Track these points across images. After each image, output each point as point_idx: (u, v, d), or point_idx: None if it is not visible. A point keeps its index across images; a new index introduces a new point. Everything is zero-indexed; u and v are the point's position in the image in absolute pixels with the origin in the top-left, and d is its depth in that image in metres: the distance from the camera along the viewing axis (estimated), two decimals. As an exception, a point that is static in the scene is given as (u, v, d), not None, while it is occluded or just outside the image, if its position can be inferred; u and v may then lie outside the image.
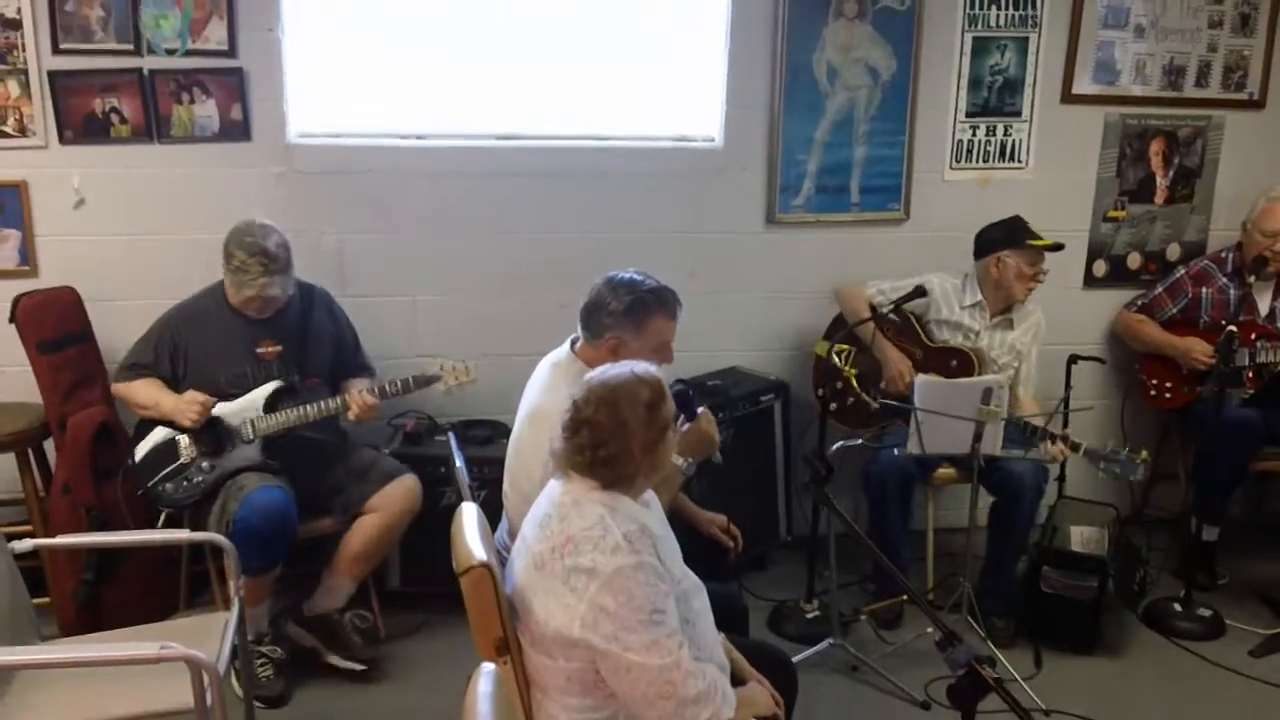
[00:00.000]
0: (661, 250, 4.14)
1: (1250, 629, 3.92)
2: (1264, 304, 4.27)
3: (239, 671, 3.15)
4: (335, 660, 3.51)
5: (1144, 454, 3.51)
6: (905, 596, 3.89)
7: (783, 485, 4.37)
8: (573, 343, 2.85)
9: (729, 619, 2.60)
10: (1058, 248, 3.92)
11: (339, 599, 3.53)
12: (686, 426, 2.70)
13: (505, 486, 2.83)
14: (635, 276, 2.78)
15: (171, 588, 3.71)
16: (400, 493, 3.54)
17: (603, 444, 2.15)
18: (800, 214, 4.30)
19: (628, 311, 2.73)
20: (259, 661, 3.37)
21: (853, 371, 3.93)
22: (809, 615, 3.90)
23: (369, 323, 3.87)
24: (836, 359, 3.81)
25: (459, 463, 2.94)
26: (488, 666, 1.84)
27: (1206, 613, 3.96)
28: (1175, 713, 3.44)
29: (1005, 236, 3.93)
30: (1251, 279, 4.23)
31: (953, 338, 4.04)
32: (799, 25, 4.09)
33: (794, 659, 3.40)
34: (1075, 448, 3.61)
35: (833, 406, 4.02)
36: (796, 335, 4.42)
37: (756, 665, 2.51)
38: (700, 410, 2.76)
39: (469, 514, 2.38)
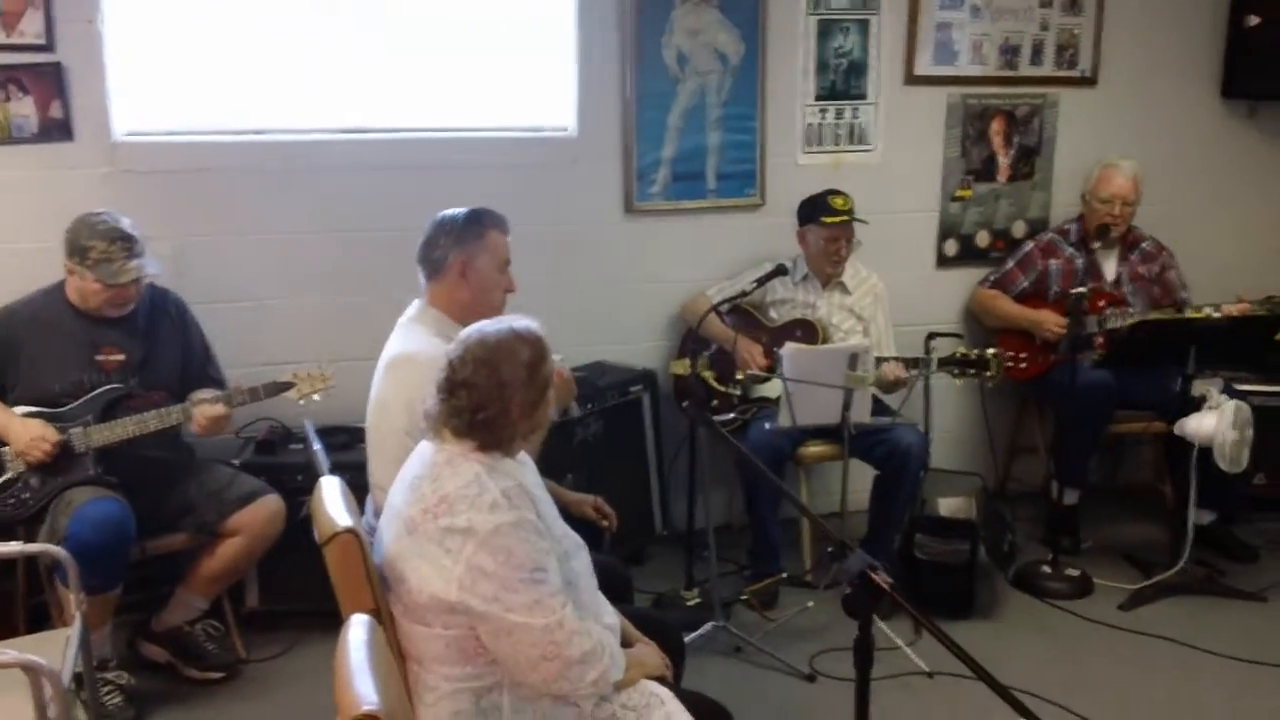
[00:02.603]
0: (519, 243, 3.99)
1: (1117, 585, 4.01)
2: (1110, 271, 4.41)
3: (85, 702, 2.90)
4: (192, 673, 3.31)
5: (990, 352, 3.76)
6: (783, 575, 3.90)
7: (656, 478, 4.30)
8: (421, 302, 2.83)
9: (612, 589, 2.51)
10: (851, 222, 4.01)
11: (190, 613, 3.34)
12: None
13: (369, 460, 2.71)
14: (460, 208, 2.82)
15: (6, 616, 3.42)
16: (264, 515, 3.35)
17: (482, 406, 2.05)
18: (658, 202, 4.27)
19: (465, 227, 2.78)
20: (106, 689, 3.12)
21: (710, 374, 3.99)
22: (690, 603, 3.83)
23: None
24: (689, 367, 3.90)
25: (316, 445, 2.80)
26: (360, 616, 1.70)
27: (1074, 573, 4.04)
28: (1052, 666, 3.49)
29: (808, 212, 4.06)
30: (1097, 245, 4.37)
31: (792, 313, 4.10)
32: (647, 10, 4.07)
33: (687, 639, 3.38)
34: (915, 363, 3.79)
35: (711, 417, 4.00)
36: (662, 325, 4.37)
37: (643, 632, 2.44)
38: (558, 357, 2.69)
39: (329, 486, 2.24)
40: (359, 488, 2.77)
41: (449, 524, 1.97)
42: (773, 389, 3.88)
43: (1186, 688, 3.40)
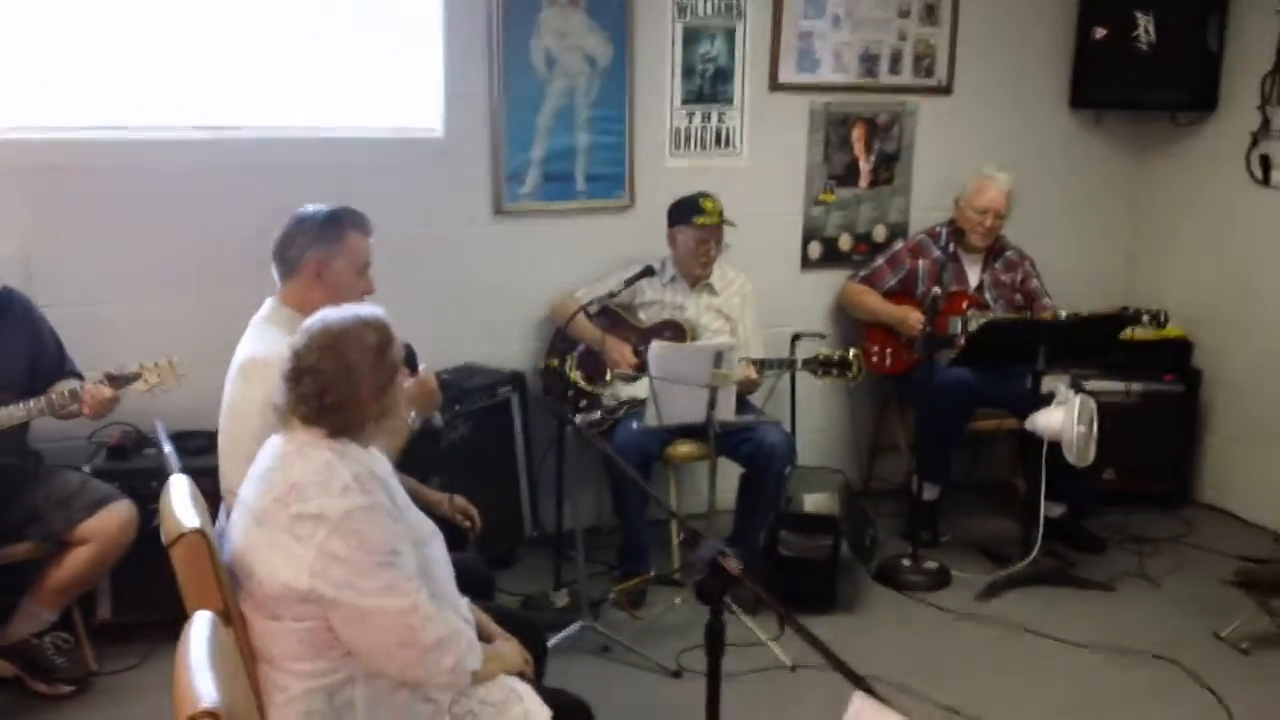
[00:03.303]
0: (386, 244, 3.94)
1: (973, 577, 4.14)
2: (973, 276, 4.57)
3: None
4: (40, 687, 3.19)
5: (852, 352, 3.93)
6: (651, 574, 3.93)
7: (526, 480, 4.29)
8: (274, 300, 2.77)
9: (473, 587, 2.50)
10: (720, 224, 4.08)
11: (37, 625, 3.21)
12: (411, 381, 2.59)
13: (221, 465, 2.64)
14: (322, 206, 2.75)
15: None
16: (115, 522, 3.23)
17: (328, 390, 2.02)
18: (528, 203, 4.27)
19: (322, 228, 2.73)
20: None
21: (578, 374, 4.02)
22: (559, 604, 3.83)
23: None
24: (558, 366, 3.96)
25: (167, 446, 2.73)
26: (203, 613, 1.66)
27: (933, 565, 4.16)
28: (911, 656, 3.58)
29: (678, 213, 4.13)
30: (968, 248, 4.54)
31: (661, 314, 4.15)
32: (514, 12, 4.07)
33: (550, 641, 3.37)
34: (767, 364, 3.94)
35: (577, 420, 4.00)
36: (532, 327, 4.36)
37: (504, 629, 2.43)
38: (422, 366, 2.67)
39: (178, 485, 2.19)
40: (216, 495, 2.71)
41: (299, 511, 1.94)
42: (642, 389, 3.91)
43: (1038, 674, 3.53)
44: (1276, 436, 4.49)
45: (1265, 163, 4.64)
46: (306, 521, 1.94)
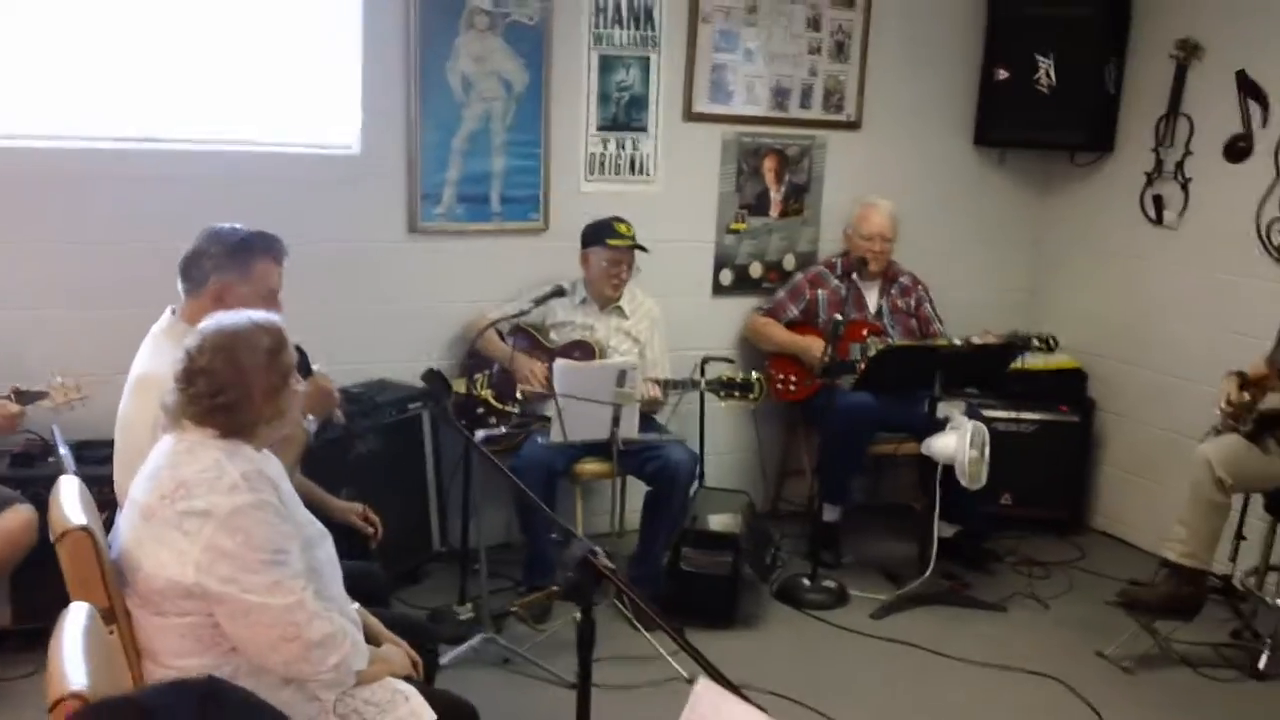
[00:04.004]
0: (301, 259, 3.96)
1: (871, 596, 4.24)
2: (872, 302, 4.70)
3: None
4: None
5: (755, 375, 4.04)
6: (555, 588, 3.97)
7: (435, 495, 4.32)
8: (174, 312, 2.75)
9: (368, 594, 2.55)
10: (635, 248, 4.19)
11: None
12: (304, 385, 2.63)
13: (116, 475, 2.64)
14: (237, 225, 2.75)
15: None
16: (15, 526, 3.20)
17: (221, 391, 2.06)
18: (442, 223, 4.32)
19: (231, 253, 2.70)
20: None
21: (487, 392, 4.08)
22: (462, 617, 3.86)
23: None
24: (472, 387, 4.01)
25: (63, 449, 2.73)
26: (80, 604, 1.69)
27: (832, 584, 4.27)
28: (807, 671, 3.67)
29: (592, 235, 4.22)
30: (859, 278, 4.66)
31: (571, 335, 4.23)
32: (431, 35, 4.13)
33: (447, 657, 3.40)
34: (670, 384, 4.03)
35: (480, 434, 4.04)
36: (445, 344, 4.40)
37: (395, 634, 2.47)
38: (316, 368, 2.70)
39: (67, 485, 2.21)
40: (115, 505, 2.71)
41: (187, 507, 1.97)
42: (553, 407, 3.97)
43: (928, 690, 3.64)
44: (1164, 466, 4.65)
45: (1158, 202, 4.85)
46: (194, 518, 1.97)
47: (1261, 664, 3.77)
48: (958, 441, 3.97)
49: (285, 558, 2.02)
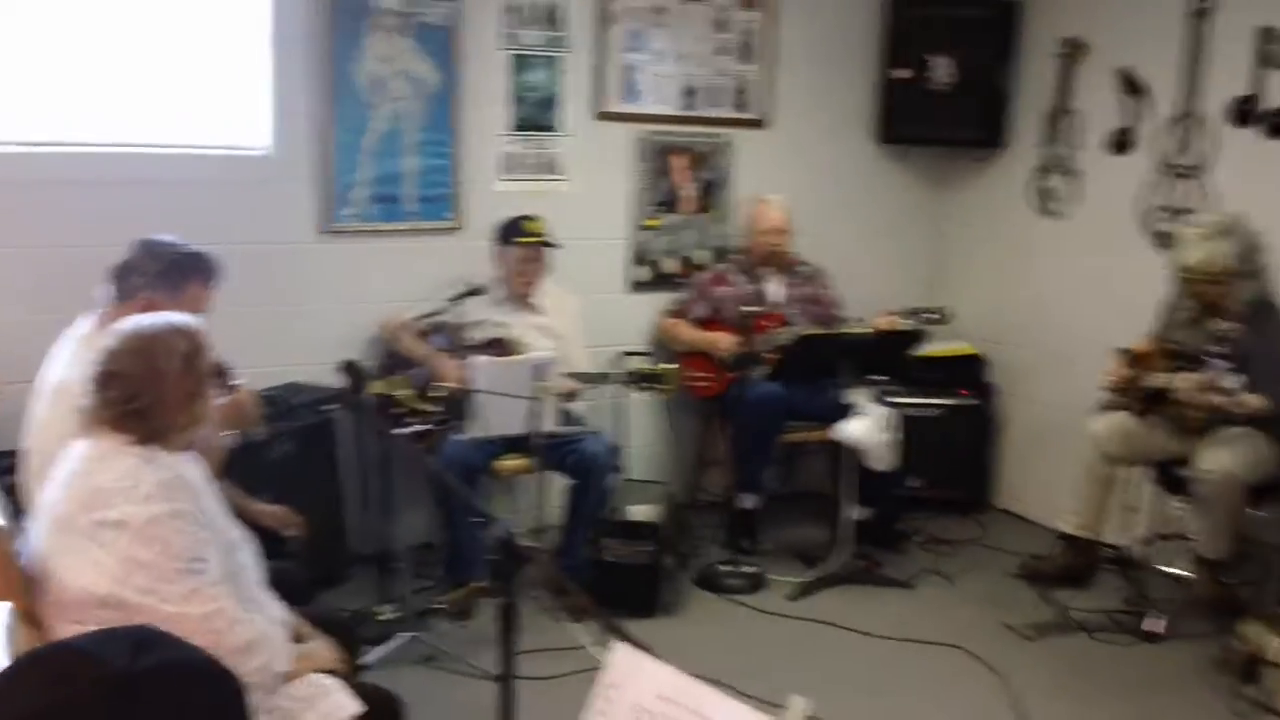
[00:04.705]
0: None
1: (787, 579, 4.38)
2: (775, 294, 4.82)
3: None
4: None
5: (665, 366, 4.12)
6: (478, 584, 4.02)
7: (354, 497, 4.34)
8: (96, 317, 2.76)
9: (289, 593, 2.57)
10: (545, 246, 4.26)
11: None
12: (224, 399, 2.65)
13: (31, 483, 2.63)
14: (174, 240, 2.75)
15: None
16: None
17: (136, 396, 2.06)
18: (355, 223, 4.35)
19: (164, 273, 2.70)
20: None
21: (407, 392, 4.07)
22: (384, 618, 3.88)
23: None
24: (390, 387, 3.97)
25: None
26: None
27: (751, 570, 4.39)
28: (727, 652, 3.77)
29: (503, 233, 4.30)
30: (763, 272, 4.79)
31: (488, 332, 4.28)
32: (340, 35, 4.16)
33: (370, 657, 3.45)
34: (583, 376, 4.07)
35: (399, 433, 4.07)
36: (361, 345, 4.40)
37: (318, 629, 2.50)
38: (237, 382, 2.73)
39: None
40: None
41: (102, 518, 1.97)
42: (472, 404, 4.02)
43: (843, 664, 3.78)
44: (1058, 444, 4.85)
45: (1049, 194, 5.06)
46: (109, 529, 1.97)
47: (1152, 627, 3.98)
48: (867, 427, 4.13)
49: (203, 565, 2.03)
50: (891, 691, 3.60)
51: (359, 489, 4.34)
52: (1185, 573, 4.07)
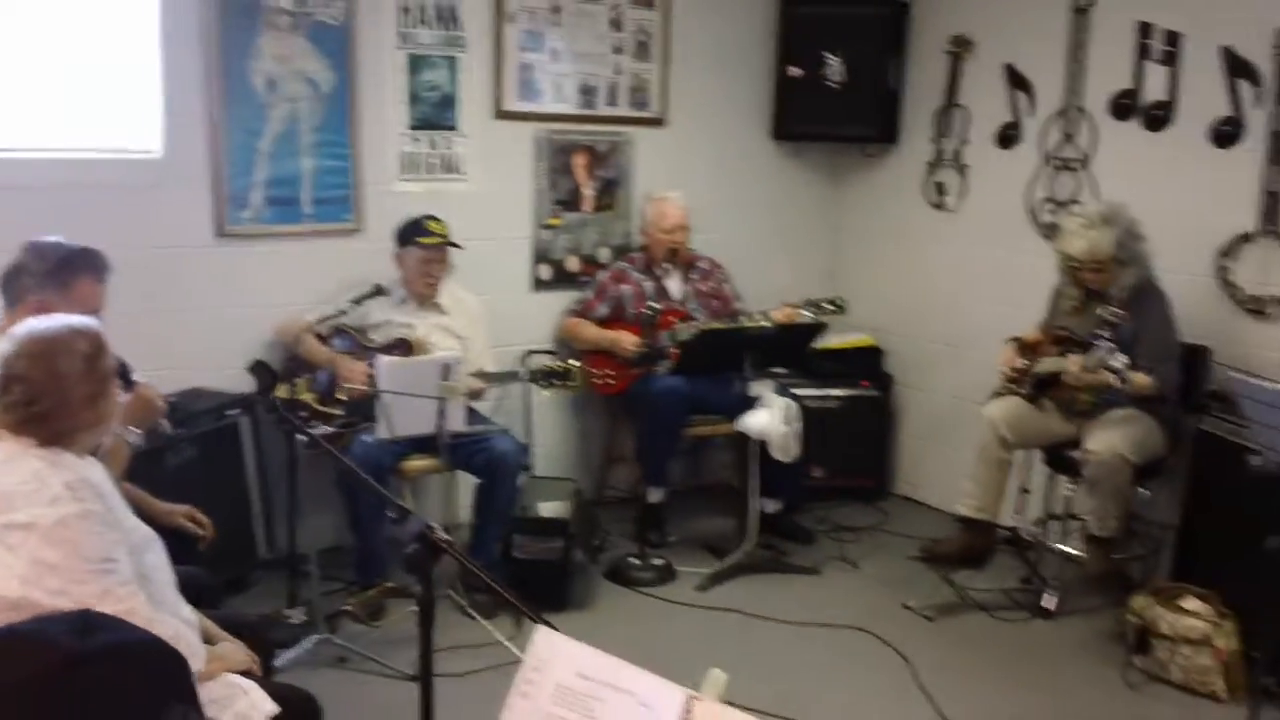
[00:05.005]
0: (104, 267, 3.92)
1: (696, 570, 4.44)
2: (675, 290, 4.88)
3: None
4: None
5: (571, 363, 4.18)
6: (389, 585, 4.01)
7: (259, 502, 4.28)
8: None
9: (197, 596, 2.54)
10: (445, 245, 4.25)
11: None
12: (127, 396, 2.61)
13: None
14: (60, 240, 2.70)
15: None
16: None
17: (37, 399, 2.04)
18: (253, 226, 4.28)
19: (53, 272, 2.66)
20: None
21: (310, 396, 4.07)
22: (293, 621, 3.84)
23: None
24: (293, 391, 4.00)
25: None
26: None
27: (660, 562, 4.43)
28: (640, 644, 3.75)
29: (404, 234, 4.28)
30: (664, 269, 4.84)
31: (391, 334, 4.25)
32: (232, 35, 4.10)
33: (281, 660, 3.40)
34: (491, 375, 4.13)
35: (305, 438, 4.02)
36: (261, 350, 4.34)
37: (230, 633, 2.48)
38: (138, 379, 2.69)
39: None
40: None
41: (8, 521, 1.96)
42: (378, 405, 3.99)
43: (752, 649, 3.85)
44: (954, 431, 5.01)
45: (940, 188, 5.21)
46: (17, 531, 1.95)
47: (1048, 604, 4.13)
48: (770, 418, 4.20)
49: (114, 565, 2.02)
50: (800, 674, 3.67)
51: (265, 493, 4.28)
52: (1077, 551, 4.21)
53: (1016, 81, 4.83)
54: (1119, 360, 3.62)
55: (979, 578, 4.30)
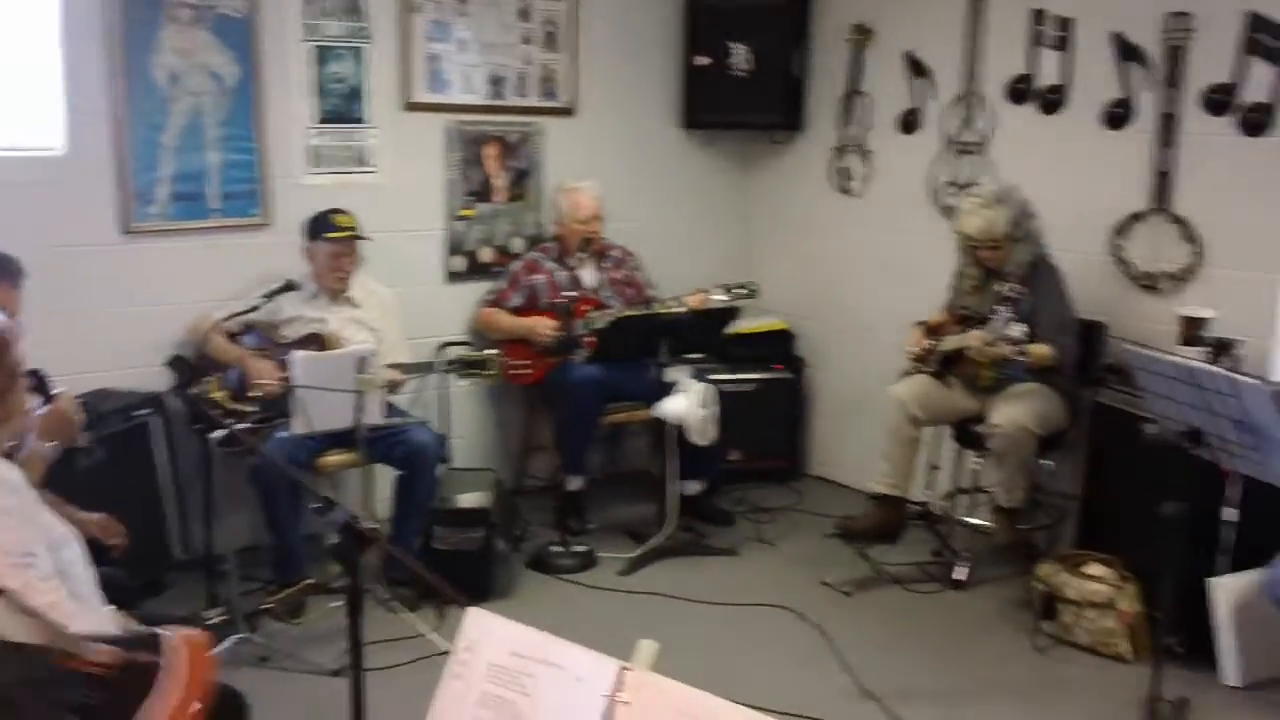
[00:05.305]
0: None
1: (618, 555, 4.49)
2: (589, 279, 4.92)
3: None
4: None
5: (488, 352, 4.23)
6: (308, 582, 3.98)
7: (173, 503, 4.21)
8: None
9: (115, 598, 2.51)
10: (354, 238, 4.22)
11: None
12: (45, 409, 2.58)
13: None
14: None
15: None
16: None
17: None
18: (158, 222, 4.20)
19: None
20: None
21: (221, 394, 4.02)
22: (213, 621, 3.80)
23: None
24: (205, 390, 3.94)
25: None
26: None
27: (581, 549, 4.47)
28: (562, 631, 3.76)
29: (313, 228, 4.24)
30: (578, 258, 4.87)
31: (303, 329, 4.22)
32: (134, 29, 4.01)
33: (202, 660, 3.36)
34: (409, 366, 4.12)
35: (218, 435, 3.96)
36: (170, 348, 4.27)
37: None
38: (58, 391, 2.64)
39: None
40: None
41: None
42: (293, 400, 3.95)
43: (675, 631, 3.89)
44: (865, 411, 5.11)
45: (845, 174, 5.32)
46: None
47: (959, 575, 4.27)
48: (687, 402, 4.26)
49: (34, 559, 2.00)
50: (722, 653, 3.74)
51: (179, 494, 4.21)
52: (985, 523, 4.36)
53: (916, 68, 4.95)
54: (1017, 330, 3.76)
55: (893, 552, 4.42)
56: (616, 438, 5.38)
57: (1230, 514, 3.45)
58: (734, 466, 5.18)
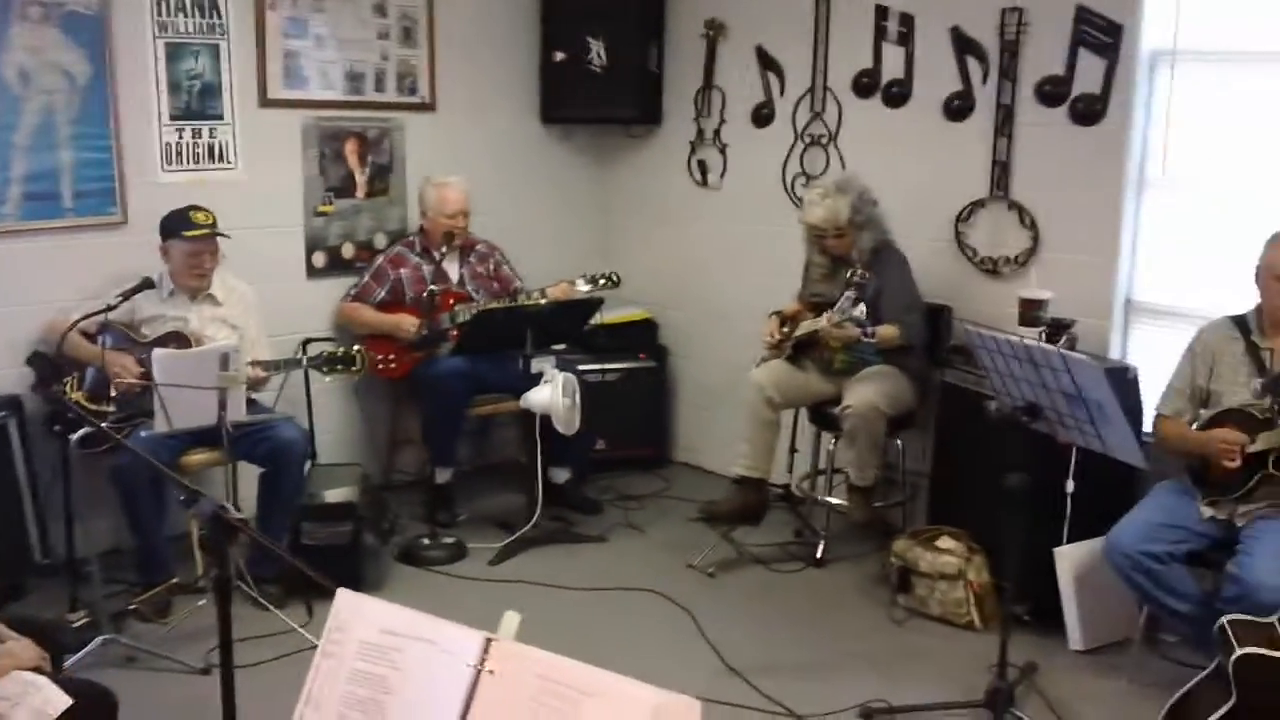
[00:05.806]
0: None
1: (488, 546, 4.56)
2: (454, 273, 4.96)
3: None
4: None
5: (356, 348, 4.24)
6: (174, 582, 3.95)
7: (30, 506, 4.11)
8: None
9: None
10: (213, 235, 4.17)
11: None
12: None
13: None
14: None
15: None
16: None
17: None
18: (11, 223, 4.11)
19: None
20: None
21: (79, 395, 3.95)
22: (77, 624, 3.74)
23: None
24: (63, 391, 3.85)
25: None
26: None
27: (451, 541, 4.53)
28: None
29: (169, 226, 4.17)
30: (443, 252, 4.90)
31: (164, 328, 4.17)
32: (-21, 27, 3.92)
33: (68, 663, 3.32)
34: (273, 364, 4.12)
35: (77, 436, 3.89)
36: (24, 351, 4.17)
37: (19, 633, 2.45)
38: None
39: None
40: None
41: None
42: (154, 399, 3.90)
43: (546, 618, 3.91)
44: (726, 397, 5.26)
45: (702, 166, 5.48)
46: None
47: (819, 554, 4.46)
48: (551, 393, 4.35)
49: None
50: (593, 637, 3.82)
51: (37, 498, 4.12)
52: (843, 502, 4.54)
53: (767, 63, 5.13)
54: (860, 310, 3.96)
55: (756, 534, 4.59)
56: (484, 429, 5.44)
57: (1071, 486, 3.64)
58: (601, 455, 5.30)
